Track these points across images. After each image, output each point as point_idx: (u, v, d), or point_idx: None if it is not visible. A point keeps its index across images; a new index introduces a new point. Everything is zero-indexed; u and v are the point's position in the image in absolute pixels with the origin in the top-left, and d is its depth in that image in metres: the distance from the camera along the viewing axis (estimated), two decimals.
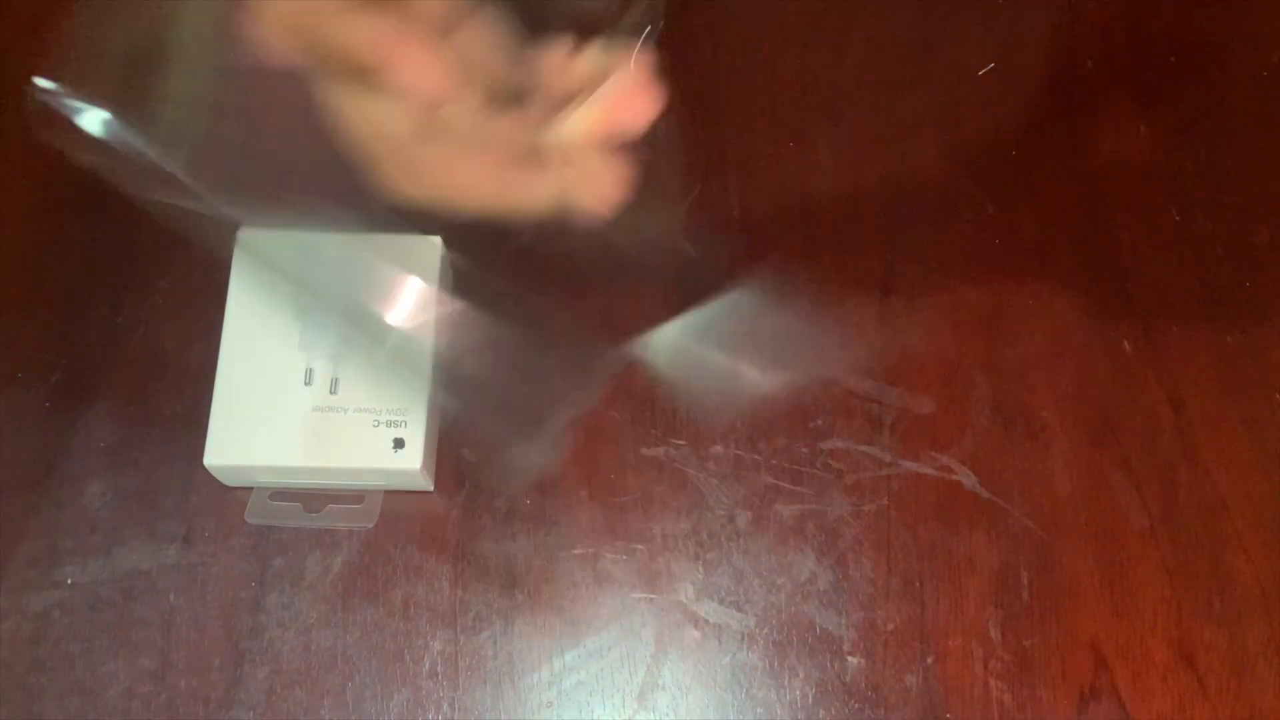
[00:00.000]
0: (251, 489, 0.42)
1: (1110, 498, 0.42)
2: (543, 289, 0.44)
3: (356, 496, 0.41)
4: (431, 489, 0.42)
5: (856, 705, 0.40)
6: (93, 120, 0.33)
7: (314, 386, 0.40)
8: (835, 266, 0.45)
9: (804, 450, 0.43)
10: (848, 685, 0.40)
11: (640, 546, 0.42)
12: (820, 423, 0.43)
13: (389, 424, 0.40)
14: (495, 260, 0.43)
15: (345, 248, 0.41)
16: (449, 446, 0.43)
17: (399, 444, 0.40)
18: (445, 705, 0.40)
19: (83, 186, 0.46)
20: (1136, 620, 0.41)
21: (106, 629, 0.40)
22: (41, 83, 0.34)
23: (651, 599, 0.41)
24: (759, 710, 0.40)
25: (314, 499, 0.41)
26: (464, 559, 0.41)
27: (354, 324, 0.40)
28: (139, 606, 0.41)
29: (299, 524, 0.41)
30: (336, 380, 0.40)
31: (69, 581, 0.41)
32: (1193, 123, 0.47)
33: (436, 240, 0.42)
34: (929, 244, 0.45)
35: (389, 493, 0.42)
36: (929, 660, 0.40)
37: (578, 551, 0.42)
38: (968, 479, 0.42)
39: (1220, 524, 0.42)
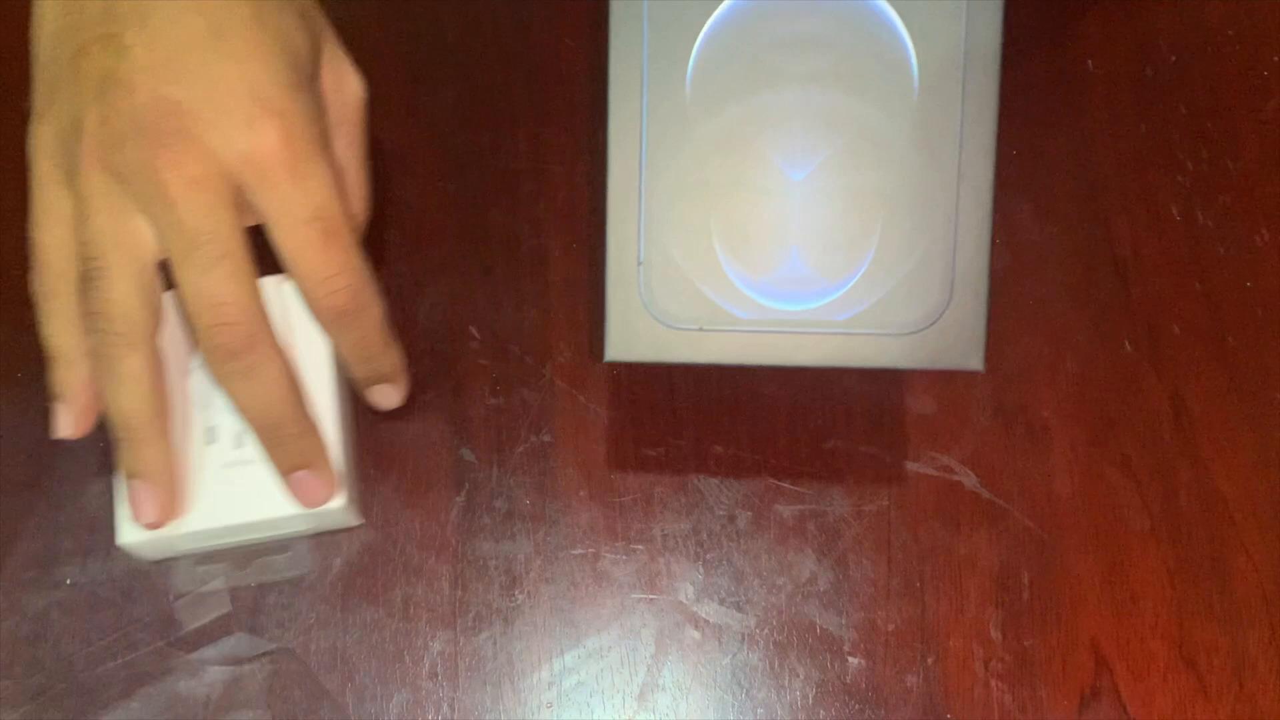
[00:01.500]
0: (175, 560, 0.41)
1: (1111, 498, 0.42)
2: None
3: (283, 546, 0.41)
4: (361, 523, 0.42)
5: (857, 706, 0.40)
6: None
7: (219, 443, 0.39)
8: None
9: (804, 450, 0.43)
10: (848, 686, 0.40)
11: (640, 546, 0.42)
12: (820, 423, 0.43)
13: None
14: None
15: None
16: (448, 449, 0.43)
17: None
18: (445, 706, 0.40)
19: None
20: (1137, 620, 0.41)
21: (106, 629, 0.40)
22: None
23: (651, 599, 0.41)
24: (759, 711, 0.40)
25: (239, 557, 0.41)
26: (464, 559, 0.41)
27: None
28: (138, 607, 0.41)
29: (227, 585, 0.40)
30: (241, 433, 0.39)
31: (68, 582, 0.41)
32: (1191, 123, 0.47)
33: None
34: None
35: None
36: (929, 660, 0.40)
37: (578, 551, 0.42)
38: (968, 479, 0.42)
39: (1221, 524, 0.42)
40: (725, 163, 0.32)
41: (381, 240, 0.45)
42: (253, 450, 0.39)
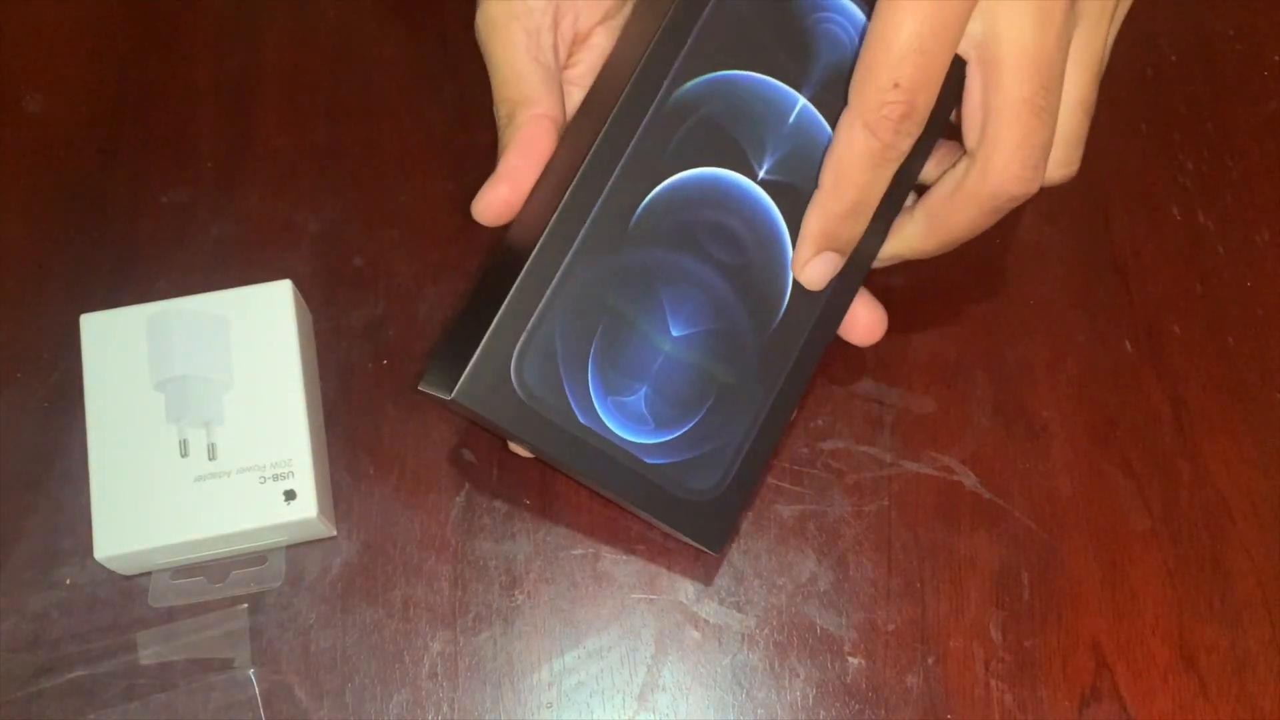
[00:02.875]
0: (150, 574, 0.41)
1: (1111, 498, 0.42)
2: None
3: (259, 558, 0.41)
4: (334, 534, 0.42)
5: (857, 706, 0.40)
6: None
7: (191, 457, 0.39)
8: None
9: (804, 450, 0.43)
10: (848, 686, 0.40)
11: (640, 546, 0.42)
12: (820, 423, 0.43)
13: (275, 478, 0.39)
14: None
15: (193, 311, 0.41)
16: (448, 449, 0.43)
17: (290, 495, 0.39)
18: (445, 706, 0.40)
19: (83, 186, 0.46)
20: (1138, 620, 0.41)
21: (105, 630, 0.40)
22: None
23: (651, 599, 0.41)
24: (759, 711, 0.40)
25: (216, 570, 0.41)
26: (464, 559, 0.41)
27: (217, 385, 0.40)
28: (137, 607, 0.41)
29: (204, 598, 0.40)
30: (213, 445, 0.39)
31: (67, 582, 0.41)
32: (1192, 123, 0.47)
33: (286, 283, 0.41)
34: None
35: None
36: (930, 661, 0.40)
37: (578, 551, 0.42)
38: (968, 479, 0.42)
39: (1222, 524, 0.42)
40: (632, 292, 0.37)
41: (381, 240, 0.45)
42: (226, 463, 0.39)
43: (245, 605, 0.41)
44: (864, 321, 0.41)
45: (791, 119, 0.38)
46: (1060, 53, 0.36)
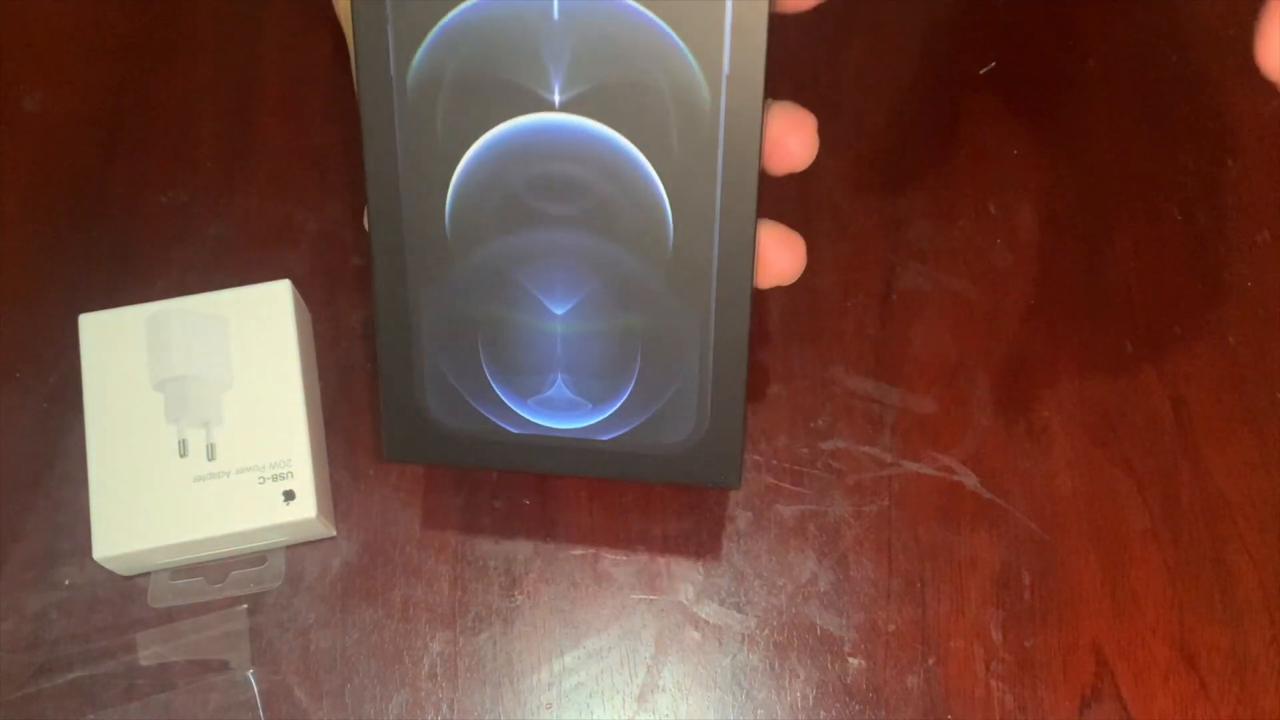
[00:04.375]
0: (149, 574, 0.41)
1: (1112, 498, 0.42)
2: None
3: (259, 558, 0.41)
4: (334, 534, 0.42)
5: (857, 706, 0.40)
6: None
7: (190, 457, 0.39)
8: (835, 266, 0.45)
9: (804, 450, 0.43)
10: (849, 686, 0.40)
11: (640, 547, 0.41)
12: (820, 423, 0.43)
13: (275, 478, 0.39)
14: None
15: (192, 311, 0.41)
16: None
17: (289, 496, 0.39)
18: (445, 706, 0.40)
19: (83, 186, 0.46)
20: (1138, 621, 0.41)
21: (104, 630, 0.40)
22: None
23: (651, 600, 0.41)
24: (759, 712, 0.40)
25: (215, 570, 0.41)
26: (464, 559, 0.41)
27: (216, 385, 0.40)
28: (137, 608, 0.41)
29: (204, 598, 0.40)
30: (212, 446, 0.39)
31: (66, 583, 0.41)
32: (1194, 122, 0.47)
33: (285, 283, 0.41)
34: (929, 244, 0.45)
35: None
36: (930, 661, 0.40)
37: (578, 552, 0.41)
38: (969, 479, 0.42)
39: (1222, 524, 0.42)
40: (490, 297, 0.33)
41: None
42: (225, 463, 0.39)
43: (245, 606, 0.41)
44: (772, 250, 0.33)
45: (556, 15, 0.30)
46: None
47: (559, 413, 0.35)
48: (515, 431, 0.35)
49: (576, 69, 0.30)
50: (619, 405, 0.34)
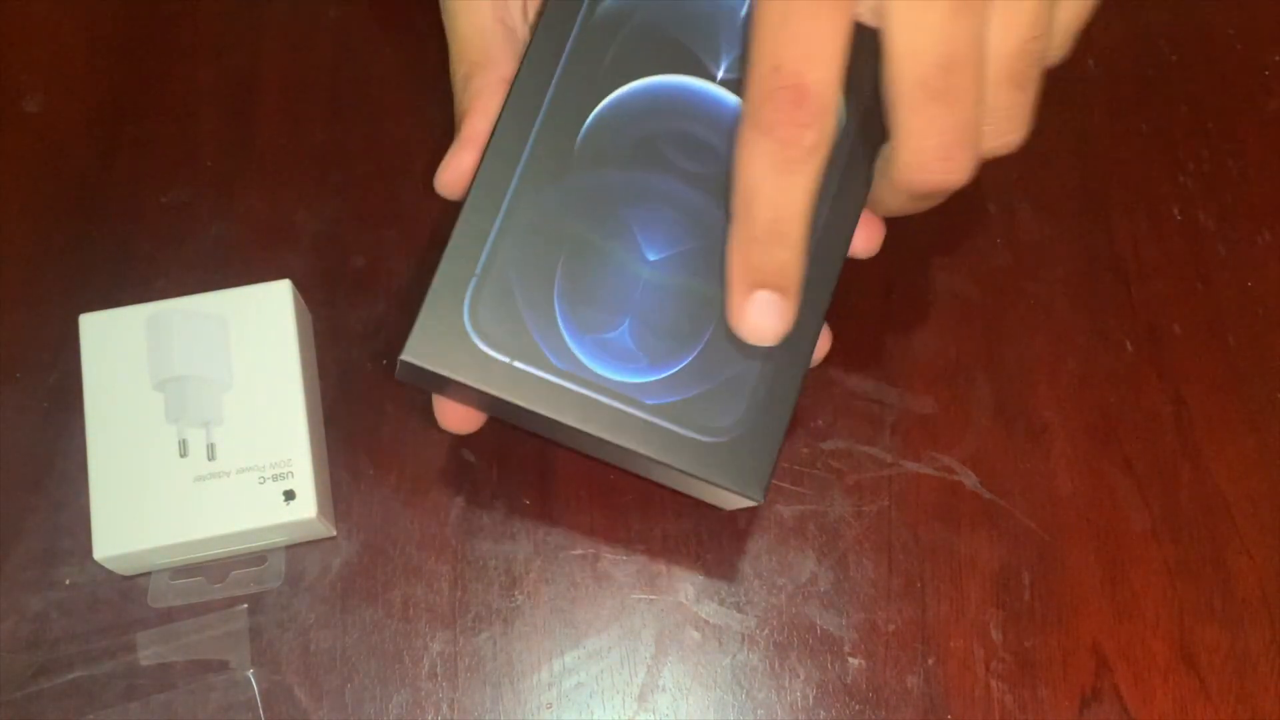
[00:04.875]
0: (149, 574, 0.41)
1: (1112, 498, 0.42)
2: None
3: (259, 558, 0.41)
4: (334, 534, 0.42)
5: (857, 706, 0.40)
6: None
7: (190, 457, 0.39)
8: None
9: (804, 450, 0.43)
10: (849, 686, 0.40)
11: (640, 546, 0.41)
12: (820, 423, 0.43)
13: (275, 478, 0.39)
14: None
15: (192, 311, 0.41)
16: (448, 449, 0.43)
17: (290, 495, 0.39)
18: (445, 706, 0.40)
19: (83, 186, 0.46)
20: (1138, 621, 0.41)
21: (105, 630, 0.40)
22: None
23: (651, 600, 0.41)
24: (759, 711, 0.40)
25: (215, 570, 0.41)
26: (464, 559, 0.41)
27: (216, 385, 0.40)
28: (137, 608, 0.41)
29: (204, 598, 0.40)
30: (212, 445, 0.39)
31: (67, 582, 0.41)
32: (1193, 122, 0.47)
33: (285, 283, 0.41)
34: (929, 244, 0.45)
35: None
36: (930, 661, 0.40)
37: (578, 552, 0.41)
38: (969, 479, 0.42)
39: (1222, 524, 0.42)
40: (591, 218, 0.33)
41: (381, 240, 0.45)
42: (225, 463, 0.39)
43: (245, 605, 0.41)
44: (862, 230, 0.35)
45: (745, 10, 0.34)
46: (961, 23, 0.30)
47: (613, 360, 0.33)
48: (559, 366, 0.33)
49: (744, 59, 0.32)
50: (676, 370, 0.33)
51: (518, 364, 0.33)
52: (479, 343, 0.33)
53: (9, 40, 0.49)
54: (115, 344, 0.40)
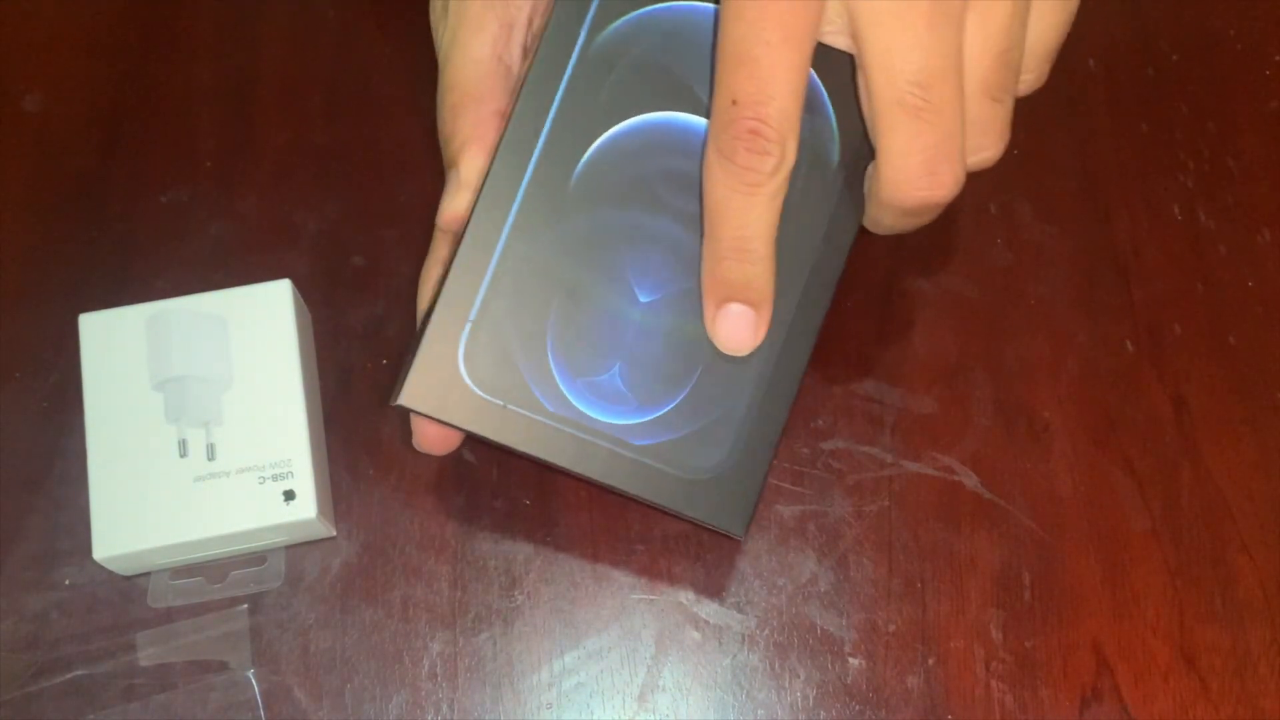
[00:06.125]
0: (149, 574, 0.41)
1: (1112, 498, 0.42)
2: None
3: (259, 558, 0.41)
4: (334, 534, 0.42)
5: (858, 706, 0.40)
6: None
7: (190, 457, 0.39)
8: None
9: (805, 450, 0.43)
10: (849, 687, 0.40)
11: (640, 547, 0.41)
12: (821, 423, 0.43)
13: (275, 478, 0.39)
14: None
15: (192, 311, 0.41)
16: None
17: (290, 496, 0.39)
18: (445, 707, 0.40)
19: (83, 186, 0.46)
20: (1138, 621, 0.41)
21: (104, 630, 0.40)
22: None
23: (651, 600, 0.41)
24: (760, 712, 0.40)
25: (215, 570, 0.41)
26: (463, 560, 0.41)
27: (215, 385, 0.40)
28: (136, 608, 0.41)
29: (203, 599, 0.40)
30: (212, 446, 0.39)
31: (67, 583, 0.41)
32: (1193, 122, 0.47)
33: (285, 283, 0.41)
34: (929, 244, 0.45)
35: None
36: (930, 661, 0.40)
37: (578, 552, 0.41)
38: (969, 479, 0.42)
39: (1223, 524, 0.42)
40: (584, 261, 0.34)
41: (381, 240, 0.45)
42: (225, 463, 0.39)
43: (245, 606, 0.41)
44: None
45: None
46: (936, 37, 0.31)
47: (603, 402, 0.34)
48: (550, 410, 0.34)
49: None
50: (664, 412, 0.35)
51: (511, 407, 0.34)
52: (474, 387, 0.33)
53: (9, 40, 0.49)
54: (115, 344, 0.40)
